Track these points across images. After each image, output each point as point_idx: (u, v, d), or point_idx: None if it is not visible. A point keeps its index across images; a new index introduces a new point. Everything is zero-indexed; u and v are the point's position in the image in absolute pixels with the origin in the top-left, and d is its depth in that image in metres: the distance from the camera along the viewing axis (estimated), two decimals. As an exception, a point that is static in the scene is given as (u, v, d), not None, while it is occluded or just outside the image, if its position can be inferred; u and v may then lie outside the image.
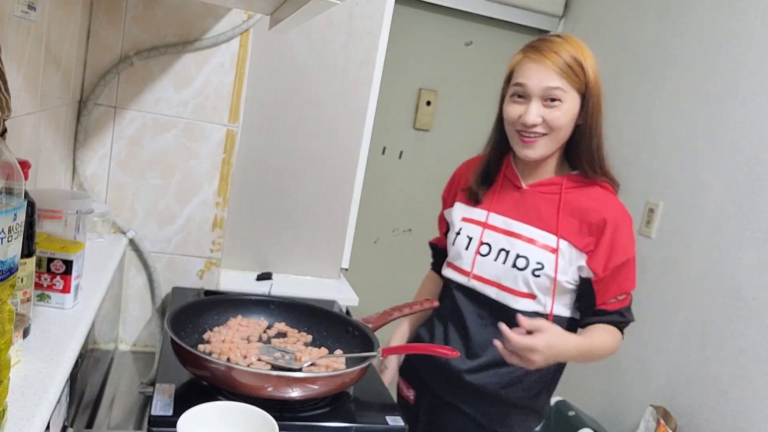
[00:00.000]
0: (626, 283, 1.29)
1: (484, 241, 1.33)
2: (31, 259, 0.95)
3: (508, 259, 1.29)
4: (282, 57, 1.82)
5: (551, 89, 1.22)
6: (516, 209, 1.32)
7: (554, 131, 1.24)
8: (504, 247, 1.30)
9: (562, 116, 1.23)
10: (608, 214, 1.26)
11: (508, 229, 1.31)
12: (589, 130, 1.26)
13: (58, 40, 1.29)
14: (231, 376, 1.08)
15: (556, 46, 1.23)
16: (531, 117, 1.23)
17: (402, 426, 1.18)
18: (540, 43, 1.26)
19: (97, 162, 1.63)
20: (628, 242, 1.27)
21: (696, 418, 1.87)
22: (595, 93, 1.24)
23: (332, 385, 1.14)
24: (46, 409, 0.79)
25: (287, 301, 1.48)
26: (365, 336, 1.30)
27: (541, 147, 1.26)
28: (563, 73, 1.21)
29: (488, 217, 1.35)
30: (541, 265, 1.26)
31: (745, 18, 1.89)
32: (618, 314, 1.30)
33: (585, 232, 1.26)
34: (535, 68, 1.23)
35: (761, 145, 1.78)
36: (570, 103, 1.23)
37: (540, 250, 1.26)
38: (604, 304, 1.29)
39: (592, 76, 1.24)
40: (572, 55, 1.23)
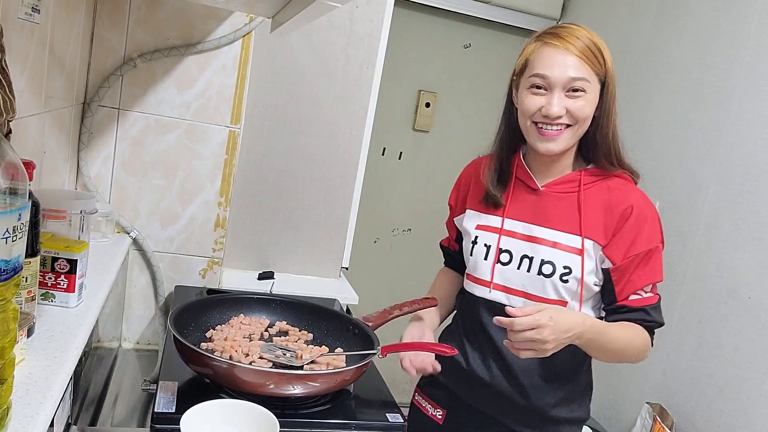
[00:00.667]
0: (651, 274, 1.19)
1: (504, 248, 1.25)
2: (35, 259, 0.97)
3: (532, 266, 1.22)
4: (283, 59, 1.83)
5: (576, 80, 1.14)
6: (534, 213, 1.25)
7: (578, 122, 1.17)
8: (527, 253, 1.23)
9: (586, 106, 1.16)
10: (633, 201, 1.19)
11: (529, 234, 1.24)
12: (605, 120, 1.19)
13: (62, 42, 1.30)
14: (233, 374, 1.09)
15: (576, 31, 1.17)
16: (555, 108, 1.15)
17: (401, 423, 1.19)
18: (558, 30, 1.18)
19: (100, 162, 1.64)
20: (652, 230, 1.19)
21: (692, 416, 1.88)
22: (611, 82, 1.19)
23: (333, 382, 1.15)
24: (50, 407, 0.79)
25: (288, 299, 1.49)
26: (365, 334, 1.31)
27: (564, 140, 1.18)
28: (587, 60, 1.15)
29: (504, 223, 1.27)
30: (569, 269, 1.19)
31: (741, 19, 1.90)
32: (643, 312, 1.19)
33: (610, 226, 1.19)
34: (556, 56, 1.15)
35: (757, 145, 1.79)
36: (593, 93, 1.17)
37: (565, 254, 1.20)
38: (626, 300, 1.20)
39: (610, 64, 1.18)
40: (592, 40, 1.16)
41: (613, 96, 1.19)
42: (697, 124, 2.02)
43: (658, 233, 1.21)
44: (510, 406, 1.29)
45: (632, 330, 1.19)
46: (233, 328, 1.34)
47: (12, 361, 0.70)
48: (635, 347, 1.19)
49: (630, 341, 1.18)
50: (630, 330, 1.19)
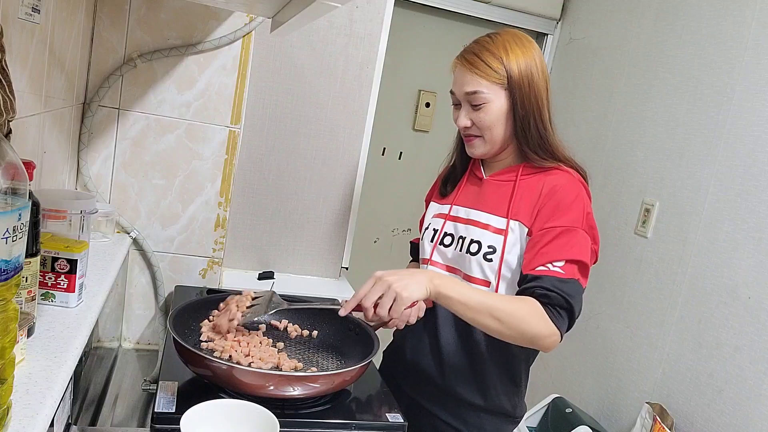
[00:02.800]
0: (563, 249, 1.17)
1: (448, 231, 1.36)
2: (35, 259, 0.97)
3: (463, 245, 1.30)
4: (283, 59, 1.84)
5: (469, 95, 1.26)
6: (476, 199, 1.35)
7: (485, 131, 1.28)
8: (462, 234, 1.32)
9: (487, 117, 1.26)
10: (559, 182, 1.25)
11: (467, 217, 1.33)
12: (522, 120, 1.26)
13: (62, 43, 1.30)
14: (232, 375, 1.09)
15: (477, 47, 1.27)
16: (460, 121, 1.30)
17: (401, 423, 1.19)
18: (465, 49, 1.31)
19: (100, 163, 1.65)
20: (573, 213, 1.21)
21: (692, 416, 1.88)
22: (523, 84, 1.24)
23: (333, 383, 1.15)
24: (50, 407, 0.79)
25: (289, 299, 1.49)
26: (366, 335, 1.31)
27: (479, 146, 1.31)
28: (481, 73, 1.24)
29: (451, 209, 1.38)
30: (493, 248, 1.26)
31: (741, 19, 1.91)
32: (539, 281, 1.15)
33: (536, 207, 1.24)
34: (457, 74, 1.30)
35: (757, 145, 1.80)
36: (497, 102, 1.25)
37: (493, 235, 1.27)
38: (531, 271, 1.18)
39: (515, 69, 1.24)
40: (492, 52, 1.25)
41: (529, 98, 1.25)
42: (697, 124, 2.02)
43: (580, 219, 1.21)
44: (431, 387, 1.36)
45: (517, 300, 1.15)
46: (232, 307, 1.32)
47: (12, 361, 0.71)
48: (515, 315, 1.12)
49: (505, 307, 1.12)
50: (515, 299, 1.16)
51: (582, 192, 1.25)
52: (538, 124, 1.26)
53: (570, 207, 1.21)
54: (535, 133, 1.27)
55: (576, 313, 1.16)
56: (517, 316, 1.12)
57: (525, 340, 1.15)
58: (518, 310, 1.13)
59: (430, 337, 1.36)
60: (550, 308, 1.14)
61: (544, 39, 2.89)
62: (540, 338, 1.14)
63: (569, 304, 1.14)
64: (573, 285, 1.16)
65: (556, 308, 1.15)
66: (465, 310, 1.13)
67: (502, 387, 1.34)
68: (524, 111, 1.25)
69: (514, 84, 1.24)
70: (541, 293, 1.15)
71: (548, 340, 1.14)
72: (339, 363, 1.32)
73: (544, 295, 1.14)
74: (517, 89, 1.24)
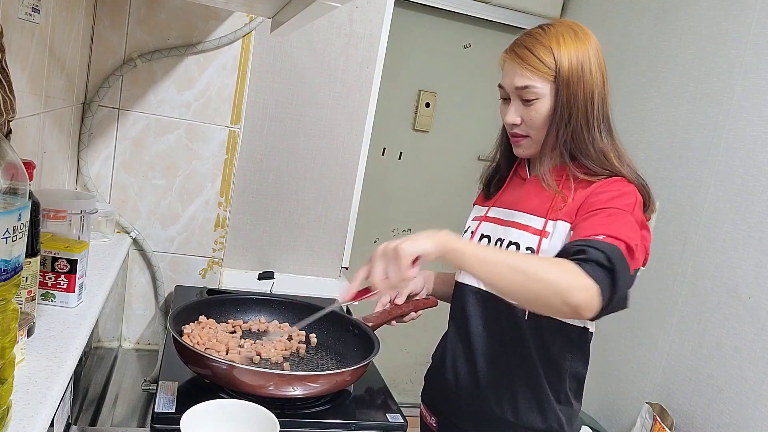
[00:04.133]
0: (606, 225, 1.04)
1: (484, 233, 1.26)
2: (35, 259, 0.97)
3: (501, 247, 1.20)
4: (283, 59, 1.84)
5: (519, 90, 1.16)
6: (519, 199, 1.25)
7: (534, 130, 1.18)
8: (501, 237, 1.22)
9: (537, 115, 1.16)
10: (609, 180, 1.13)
11: (509, 219, 1.23)
12: (562, 120, 1.15)
13: (62, 43, 1.30)
14: (232, 375, 1.09)
15: (529, 42, 1.16)
16: (508, 117, 1.19)
17: (401, 423, 1.19)
18: (516, 41, 1.20)
19: (100, 163, 1.65)
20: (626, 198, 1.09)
21: (692, 416, 1.88)
22: (571, 81, 1.13)
23: (333, 383, 1.16)
24: (50, 407, 0.79)
25: (288, 299, 1.49)
26: (365, 335, 1.32)
27: (527, 146, 1.21)
28: (533, 70, 1.14)
29: (489, 211, 1.29)
30: (531, 250, 1.15)
31: (741, 19, 1.91)
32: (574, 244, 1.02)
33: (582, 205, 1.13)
34: (508, 67, 1.19)
35: (756, 145, 1.80)
36: (548, 99, 1.15)
37: (531, 236, 1.17)
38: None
39: (566, 63, 1.13)
40: (545, 46, 1.14)
41: (574, 96, 1.14)
42: (697, 124, 2.02)
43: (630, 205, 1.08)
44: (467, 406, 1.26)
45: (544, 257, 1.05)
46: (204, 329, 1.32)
47: (12, 361, 0.71)
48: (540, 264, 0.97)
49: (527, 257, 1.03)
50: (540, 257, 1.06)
51: (633, 190, 1.12)
52: (581, 126, 1.14)
53: (621, 194, 1.10)
54: (567, 135, 1.15)
55: (619, 278, 0.96)
56: (545, 269, 0.95)
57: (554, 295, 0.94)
58: (547, 264, 0.97)
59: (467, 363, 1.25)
60: (585, 264, 0.96)
61: (544, 39, 2.88)
62: (572, 291, 0.93)
63: (610, 262, 0.96)
64: (614, 249, 0.98)
65: (592, 263, 0.96)
66: (480, 265, 0.97)
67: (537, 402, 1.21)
68: (568, 111, 1.14)
69: (561, 79, 1.13)
70: (576, 249, 0.99)
71: (581, 294, 0.93)
72: (339, 363, 1.32)
73: (580, 251, 0.98)
74: (563, 85, 1.13)
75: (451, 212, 3.03)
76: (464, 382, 1.25)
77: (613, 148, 1.16)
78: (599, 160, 1.15)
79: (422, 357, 3.13)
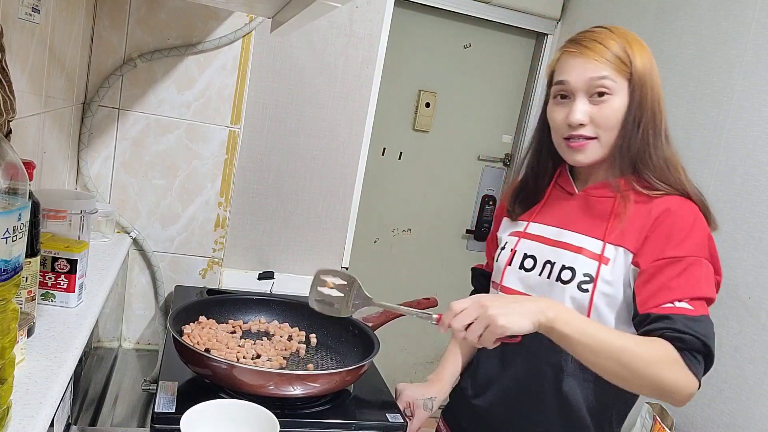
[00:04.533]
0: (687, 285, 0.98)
1: (528, 253, 1.16)
2: (35, 259, 0.97)
3: (553, 271, 1.11)
4: (283, 59, 1.84)
5: (597, 79, 1.06)
6: (566, 217, 1.15)
7: (604, 132, 1.08)
8: (549, 258, 1.13)
9: (612, 113, 1.07)
10: (672, 204, 1.05)
11: (555, 238, 1.14)
12: (635, 122, 1.07)
13: (62, 43, 1.30)
14: (232, 375, 1.09)
15: (599, 35, 1.09)
16: (577, 115, 1.07)
17: (401, 423, 1.19)
18: (580, 36, 1.12)
19: (100, 163, 1.65)
20: (691, 238, 1.02)
21: (692, 416, 1.88)
22: (645, 82, 1.07)
23: (333, 383, 1.16)
24: (50, 407, 0.79)
25: (288, 299, 1.49)
26: (365, 335, 1.32)
27: (592, 151, 1.10)
28: (609, 63, 1.06)
29: (528, 227, 1.20)
30: (590, 277, 1.06)
31: (741, 20, 1.91)
32: (667, 320, 0.96)
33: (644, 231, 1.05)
34: (574, 62, 1.09)
35: (756, 145, 1.80)
36: (621, 97, 1.07)
37: (587, 260, 1.08)
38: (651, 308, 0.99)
39: (639, 63, 1.07)
40: (617, 42, 1.07)
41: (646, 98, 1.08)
42: (697, 124, 2.02)
43: (702, 246, 1.03)
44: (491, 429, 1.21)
45: (649, 342, 0.96)
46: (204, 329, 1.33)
47: (12, 361, 0.71)
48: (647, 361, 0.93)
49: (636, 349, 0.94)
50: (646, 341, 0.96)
51: (700, 215, 1.06)
52: (649, 132, 1.08)
53: (690, 232, 1.02)
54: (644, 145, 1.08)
55: (713, 358, 0.98)
56: (649, 361, 0.93)
57: (655, 389, 0.95)
58: (651, 355, 0.93)
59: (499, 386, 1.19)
60: (686, 353, 0.95)
61: (544, 39, 2.89)
62: (676, 390, 0.94)
63: (707, 348, 0.95)
64: (706, 324, 0.98)
65: (693, 353, 0.95)
66: (584, 351, 0.94)
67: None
68: (640, 113, 1.07)
69: (637, 79, 1.06)
70: (673, 336, 0.95)
71: (685, 391, 0.94)
72: (339, 363, 1.32)
73: (677, 338, 0.95)
74: (639, 86, 1.06)
75: (451, 212, 3.04)
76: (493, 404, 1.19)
77: (677, 160, 1.11)
78: (661, 171, 1.08)
79: (422, 357, 3.13)
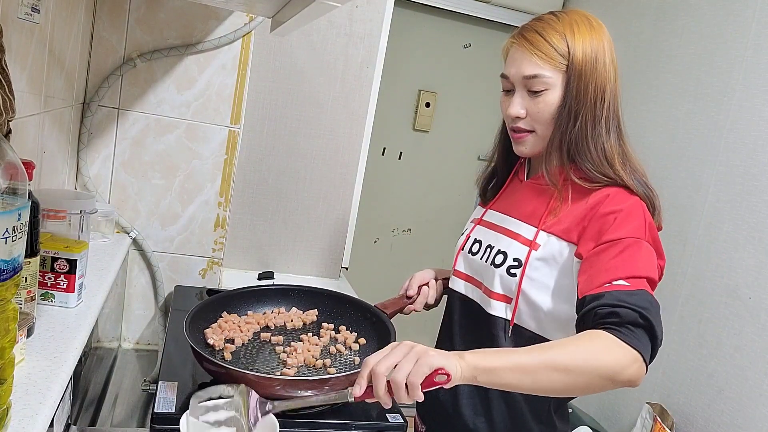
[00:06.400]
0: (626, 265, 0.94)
1: (477, 238, 1.19)
2: (35, 259, 0.97)
3: (490, 255, 1.13)
4: (283, 59, 1.83)
5: (530, 78, 1.06)
6: (513, 204, 1.17)
7: (540, 125, 1.08)
8: (491, 243, 1.15)
9: (546, 107, 1.06)
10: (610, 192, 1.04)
11: (499, 224, 1.16)
12: (570, 115, 1.05)
13: (61, 42, 1.30)
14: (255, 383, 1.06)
15: (541, 25, 1.08)
16: (512, 109, 1.08)
17: (401, 423, 1.19)
18: (528, 24, 1.10)
19: (100, 162, 1.64)
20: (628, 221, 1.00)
21: (692, 416, 1.88)
22: (584, 72, 1.04)
23: (342, 386, 1.15)
24: (49, 407, 0.79)
25: (307, 289, 1.47)
26: (382, 323, 1.29)
27: (530, 143, 1.11)
28: (545, 57, 1.05)
29: (485, 214, 1.22)
30: (519, 262, 1.07)
31: (741, 19, 1.91)
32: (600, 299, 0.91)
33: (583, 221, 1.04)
34: (513, 55, 1.09)
35: (757, 145, 1.79)
36: (557, 90, 1.06)
37: (520, 246, 1.09)
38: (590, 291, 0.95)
39: (580, 52, 1.04)
40: (558, 32, 1.06)
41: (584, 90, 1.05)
42: (697, 124, 2.02)
43: (642, 228, 1.00)
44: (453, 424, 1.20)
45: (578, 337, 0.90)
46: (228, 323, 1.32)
47: (12, 361, 0.71)
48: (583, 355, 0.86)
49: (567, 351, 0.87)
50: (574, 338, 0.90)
51: (640, 203, 1.03)
52: (588, 123, 1.05)
53: (628, 217, 1.00)
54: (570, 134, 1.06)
55: (657, 331, 0.89)
56: (585, 356, 0.86)
57: (604, 381, 0.87)
58: (585, 349, 0.87)
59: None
60: (623, 329, 0.88)
61: (544, 39, 2.88)
62: (621, 371, 0.86)
63: (645, 319, 0.88)
64: (643, 296, 0.91)
65: (628, 326, 0.88)
66: (520, 377, 0.86)
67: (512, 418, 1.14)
68: (578, 105, 1.05)
69: (575, 70, 1.04)
70: (606, 312, 0.90)
71: (630, 369, 0.86)
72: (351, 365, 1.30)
73: (611, 313, 0.89)
74: (575, 76, 1.04)
75: (451, 212, 3.03)
76: (445, 394, 1.16)
77: (619, 151, 1.08)
78: (599, 163, 1.05)
79: (422, 357, 3.12)
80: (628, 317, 0.88)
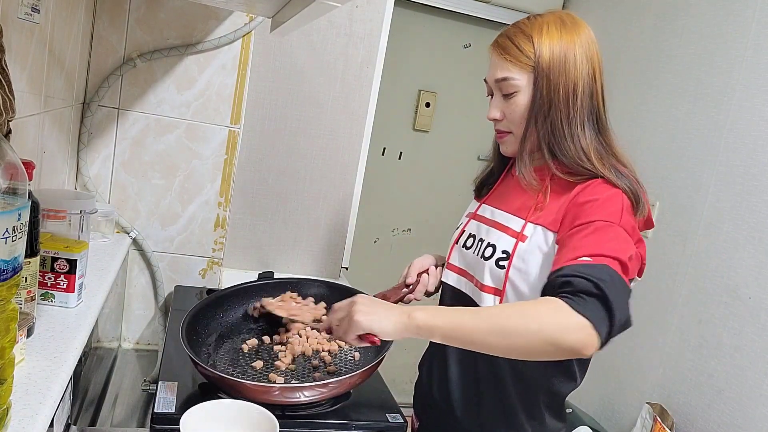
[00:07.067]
0: (594, 244, 0.94)
1: (471, 232, 1.21)
2: (35, 259, 0.97)
3: (481, 248, 1.15)
4: (283, 59, 1.84)
5: (501, 81, 1.10)
6: (504, 197, 1.20)
7: (515, 126, 1.12)
8: (483, 237, 1.17)
9: (517, 109, 1.10)
10: (590, 183, 1.05)
11: (491, 218, 1.19)
12: (540, 114, 1.08)
13: (61, 42, 1.30)
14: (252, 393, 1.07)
15: (512, 30, 1.11)
16: (489, 112, 1.14)
17: (401, 423, 1.19)
18: (503, 31, 1.14)
19: (100, 162, 1.65)
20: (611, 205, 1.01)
21: (692, 416, 1.88)
22: (551, 72, 1.06)
23: (342, 387, 1.15)
24: (49, 407, 0.79)
25: (319, 281, 1.48)
26: None
27: (510, 143, 1.15)
28: (512, 60, 1.08)
29: (479, 208, 1.24)
30: (507, 253, 1.09)
31: (741, 19, 1.90)
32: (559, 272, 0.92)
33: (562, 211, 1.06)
34: (491, 60, 1.13)
35: (757, 145, 1.79)
36: (527, 92, 1.09)
37: (509, 238, 1.10)
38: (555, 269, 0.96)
39: (546, 53, 1.06)
40: (525, 35, 1.09)
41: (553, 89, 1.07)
42: (697, 124, 2.02)
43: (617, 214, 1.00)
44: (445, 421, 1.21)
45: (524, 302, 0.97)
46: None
47: (12, 361, 0.71)
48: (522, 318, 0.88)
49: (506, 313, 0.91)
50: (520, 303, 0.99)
51: (620, 193, 1.03)
52: (561, 121, 1.07)
53: (605, 203, 1.01)
54: (558, 133, 1.07)
55: (612, 304, 0.87)
56: (526, 319, 0.88)
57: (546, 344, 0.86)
58: (528, 312, 0.89)
59: (439, 368, 1.22)
60: (573, 297, 0.87)
61: (544, 39, 2.88)
62: (563, 335, 0.85)
63: (599, 289, 0.87)
64: (602, 270, 0.89)
65: (580, 295, 0.87)
66: (460, 335, 0.91)
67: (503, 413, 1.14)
68: (548, 104, 1.07)
69: (540, 69, 1.06)
70: (561, 282, 0.90)
71: (575, 335, 0.85)
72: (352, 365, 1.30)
73: (565, 283, 0.89)
74: (542, 76, 1.06)
75: (451, 212, 3.03)
76: (438, 390, 1.20)
77: (598, 146, 1.09)
78: (578, 157, 1.06)
79: (422, 357, 3.13)
80: (581, 285, 0.87)
